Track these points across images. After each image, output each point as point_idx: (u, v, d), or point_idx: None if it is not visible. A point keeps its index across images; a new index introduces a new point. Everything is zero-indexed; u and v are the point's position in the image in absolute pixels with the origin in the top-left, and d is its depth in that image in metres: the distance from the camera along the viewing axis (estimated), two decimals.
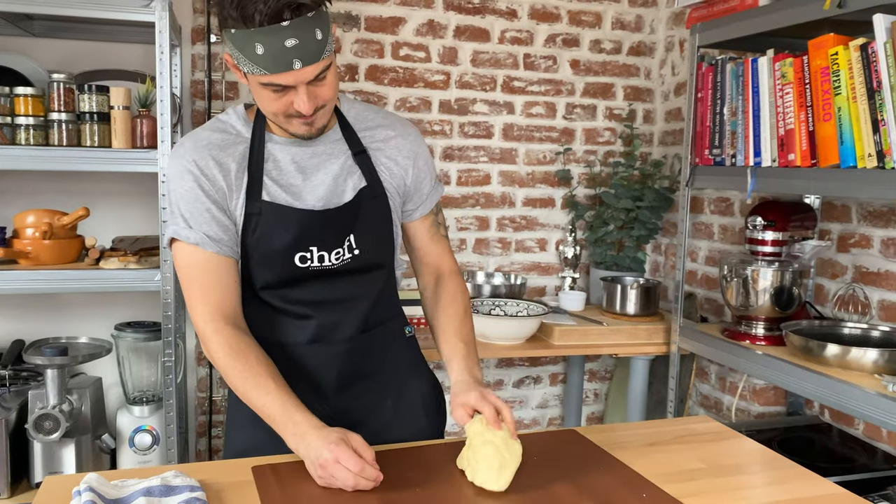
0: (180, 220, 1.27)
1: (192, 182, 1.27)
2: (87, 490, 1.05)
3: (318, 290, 1.34)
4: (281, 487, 1.13)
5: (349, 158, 1.34)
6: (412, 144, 1.41)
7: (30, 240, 2.07)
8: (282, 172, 1.31)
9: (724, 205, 2.68)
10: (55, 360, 2.07)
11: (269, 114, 1.25)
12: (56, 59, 2.39)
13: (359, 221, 1.34)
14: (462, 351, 1.35)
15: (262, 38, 1.13)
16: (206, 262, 1.26)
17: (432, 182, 1.46)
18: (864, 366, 1.78)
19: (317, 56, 1.16)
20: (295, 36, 1.13)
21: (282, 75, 1.16)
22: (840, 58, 1.68)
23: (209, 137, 1.30)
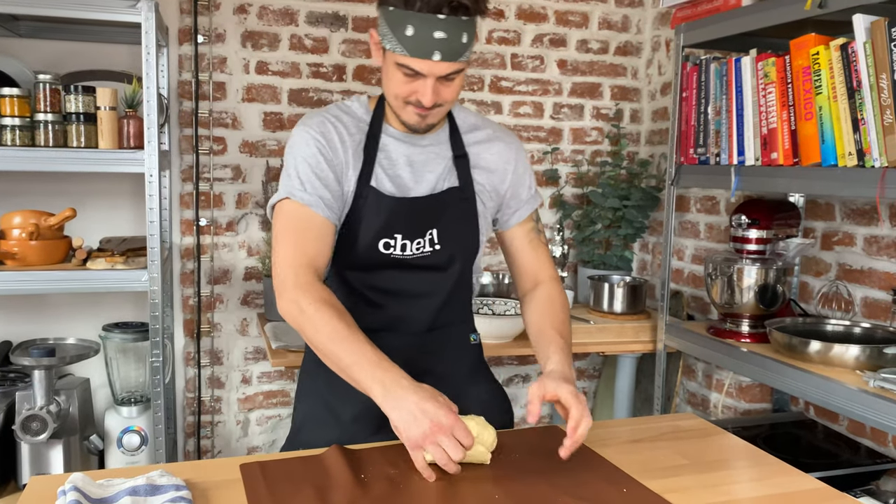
0: (296, 182, 1.31)
1: (315, 148, 1.33)
2: (73, 490, 1.05)
3: (394, 279, 1.39)
4: (268, 486, 1.14)
5: (450, 160, 1.41)
6: (512, 152, 1.46)
7: (16, 241, 2.06)
8: (392, 164, 1.37)
9: (710, 203, 2.70)
10: (42, 361, 2.07)
11: (391, 95, 1.31)
12: (42, 60, 2.39)
13: (444, 218, 1.39)
14: (560, 344, 1.35)
15: (416, 21, 1.20)
16: (311, 220, 1.30)
17: (530, 190, 1.49)
18: (846, 362, 1.80)
19: (456, 56, 1.23)
20: (445, 30, 1.20)
21: (420, 61, 1.22)
22: (821, 58, 1.70)
23: (336, 115, 1.38)
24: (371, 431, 1.36)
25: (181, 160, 2.63)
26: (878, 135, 1.56)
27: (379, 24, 1.26)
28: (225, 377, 2.75)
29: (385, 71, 1.29)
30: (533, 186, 1.50)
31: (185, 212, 2.65)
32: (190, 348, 2.71)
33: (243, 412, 2.79)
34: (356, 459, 1.21)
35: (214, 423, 2.76)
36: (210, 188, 2.65)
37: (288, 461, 1.23)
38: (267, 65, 2.66)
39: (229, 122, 2.65)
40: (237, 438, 2.79)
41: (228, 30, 2.61)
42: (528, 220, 1.48)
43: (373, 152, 1.36)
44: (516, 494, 1.13)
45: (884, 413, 1.60)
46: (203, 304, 2.69)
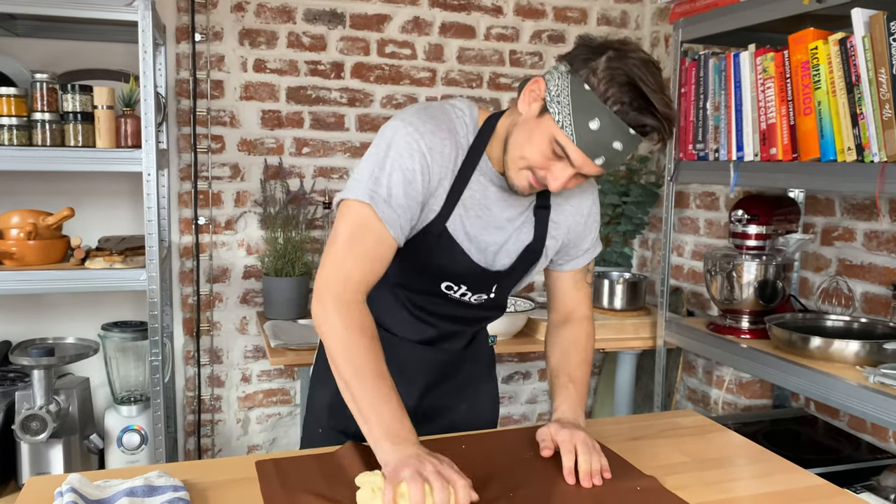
0: (383, 191, 1.17)
1: (417, 164, 1.19)
2: (70, 491, 1.05)
3: (446, 309, 1.36)
4: (282, 483, 1.14)
5: (531, 208, 1.32)
6: (588, 201, 1.38)
7: (14, 240, 2.06)
8: (475, 205, 1.27)
9: (709, 199, 2.70)
10: (42, 361, 2.07)
11: (516, 153, 1.19)
12: (39, 59, 2.38)
13: (509, 275, 1.34)
14: (571, 392, 1.33)
15: (607, 121, 1.09)
16: (380, 237, 1.18)
17: (593, 240, 1.42)
18: (846, 358, 1.80)
19: (614, 166, 1.17)
20: (623, 143, 1.11)
21: (582, 155, 1.12)
22: (820, 52, 1.69)
23: (449, 127, 1.23)
24: None
25: (179, 159, 2.62)
26: (878, 129, 1.55)
27: (555, 83, 1.13)
28: (225, 376, 2.75)
29: (529, 128, 1.16)
30: (596, 237, 1.43)
31: (183, 210, 2.64)
32: (189, 347, 2.70)
33: (243, 410, 2.78)
34: (370, 455, 1.21)
35: (214, 421, 2.76)
36: (208, 187, 2.65)
37: (302, 458, 1.24)
38: (265, 63, 2.65)
39: (227, 120, 2.65)
40: (237, 437, 2.79)
41: (226, 28, 2.60)
42: (582, 268, 1.43)
43: (461, 186, 1.24)
44: (531, 490, 1.14)
45: (884, 408, 1.60)
46: (202, 303, 2.69)
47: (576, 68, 1.12)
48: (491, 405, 1.55)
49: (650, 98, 1.09)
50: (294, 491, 1.12)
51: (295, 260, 2.55)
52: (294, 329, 2.40)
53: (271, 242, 2.59)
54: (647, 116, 1.09)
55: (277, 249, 2.56)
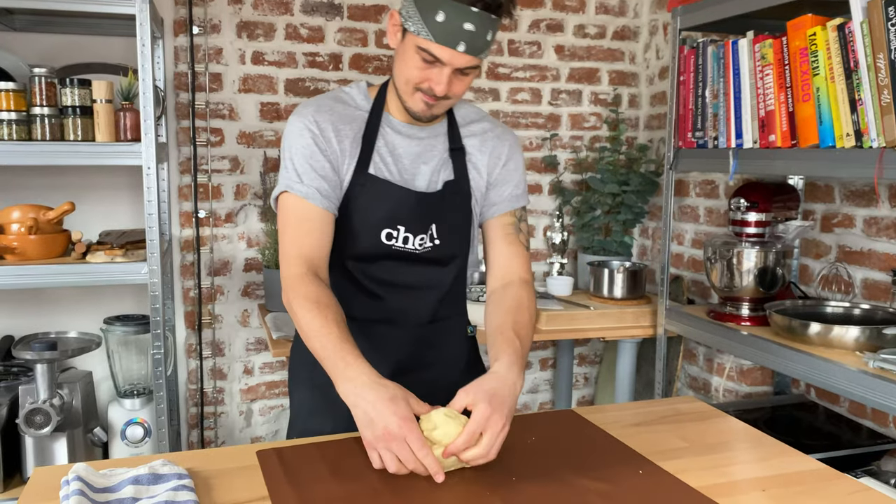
0: (293, 174, 1.32)
1: (310, 139, 1.32)
2: (76, 479, 1.06)
3: (395, 271, 1.39)
4: (285, 471, 1.15)
5: (447, 152, 1.41)
6: (505, 148, 1.45)
7: (15, 235, 2.07)
8: (390, 152, 1.37)
9: (709, 187, 2.70)
10: (44, 355, 2.08)
11: (402, 80, 1.30)
12: (37, 54, 2.38)
13: (442, 213, 1.39)
14: (516, 347, 1.26)
15: (449, 9, 1.19)
16: (308, 213, 1.31)
17: (516, 189, 1.46)
18: (846, 344, 1.80)
19: (479, 51, 1.23)
20: (475, 24, 1.20)
21: (444, 49, 1.22)
22: (818, 38, 1.69)
23: (331, 105, 1.37)
24: None
25: (179, 152, 2.62)
26: (876, 115, 1.55)
27: (404, 5, 1.25)
28: (227, 368, 2.76)
29: (401, 54, 1.28)
30: (521, 187, 1.47)
31: (183, 204, 2.65)
32: (191, 340, 2.71)
33: (246, 402, 2.80)
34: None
35: (217, 413, 2.77)
36: (208, 180, 2.65)
37: (303, 447, 1.25)
38: (263, 55, 2.65)
39: (226, 113, 2.65)
40: (240, 429, 2.80)
41: (223, 20, 2.60)
42: (509, 215, 1.45)
43: (372, 140, 1.36)
44: (533, 475, 1.15)
45: (883, 393, 1.61)
46: (203, 296, 2.69)
47: None
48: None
49: None
50: (297, 479, 1.13)
51: None
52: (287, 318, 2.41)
53: (271, 235, 2.60)
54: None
55: (277, 242, 2.56)
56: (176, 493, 1.05)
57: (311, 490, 1.09)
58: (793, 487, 1.18)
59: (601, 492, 1.10)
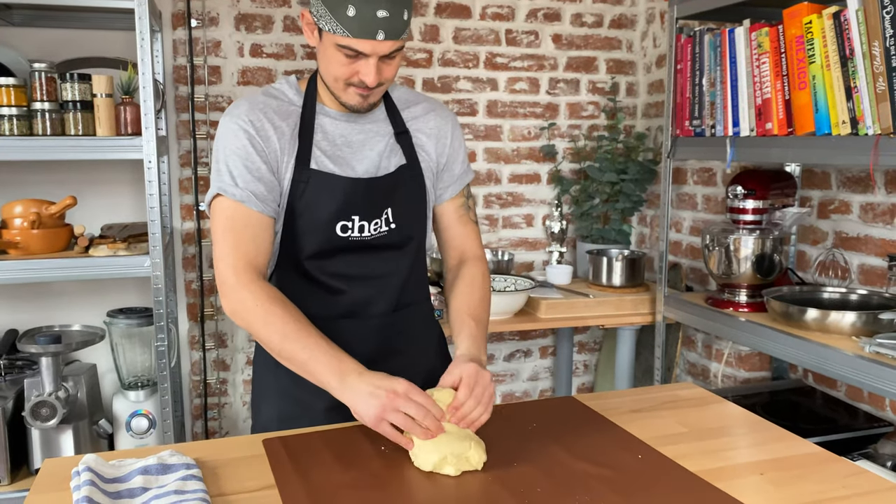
0: (227, 177, 1.27)
1: (245, 140, 1.28)
2: (86, 470, 1.08)
3: (354, 263, 1.37)
4: (291, 459, 1.17)
5: (392, 137, 1.38)
6: (448, 125, 1.45)
7: (18, 230, 2.08)
8: (330, 144, 1.34)
9: (707, 175, 2.71)
10: (49, 349, 2.09)
11: (330, 78, 1.28)
12: (37, 48, 2.39)
13: (397, 196, 1.37)
14: (472, 329, 1.34)
15: (358, 1, 1.16)
16: (247, 219, 1.27)
17: (464, 165, 1.47)
18: (842, 329, 1.83)
19: (399, 34, 1.21)
20: (387, 9, 1.18)
21: (364, 42, 1.19)
22: (814, 26, 1.70)
23: (265, 101, 1.33)
24: (347, 418, 1.31)
25: (179, 145, 2.64)
26: (871, 102, 1.57)
27: (314, 4, 1.22)
28: (230, 359, 2.78)
29: (323, 52, 1.25)
30: (466, 162, 1.48)
31: (184, 197, 2.66)
32: (194, 332, 2.73)
33: (249, 393, 2.82)
34: (373, 434, 1.24)
35: (221, 404, 2.79)
36: (209, 173, 2.66)
37: (308, 435, 1.27)
38: (261, 47, 2.66)
39: (225, 105, 2.66)
40: (244, 419, 2.83)
41: (222, 13, 2.60)
42: (460, 195, 1.46)
43: (309, 134, 1.33)
44: (534, 460, 1.17)
45: (879, 377, 1.63)
46: (206, 288, 2.71)
47: None
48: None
49: None
50: (302, 466, 1.15)
51: None
52: None
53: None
54: None
55: None
56: (185, 482, 1.07)
57: (316, 477, 1.11)
58: (790, 471, 1.20)
59: (602, 476, 1.12)
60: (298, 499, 1.05)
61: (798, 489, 1.14)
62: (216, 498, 1.07)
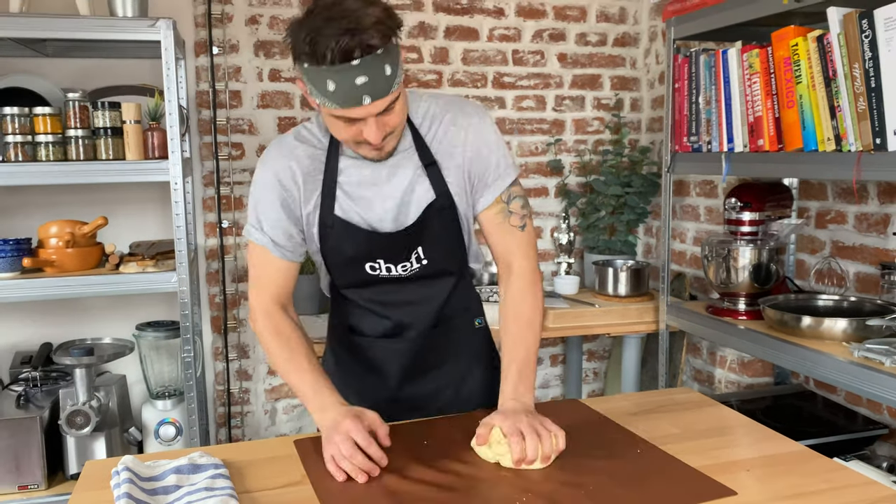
0: (255, 221, 1.40)
1: (270, 192, 1.37)
2: (125, 470, 1.19)
3: (390, 292, 1.45)
4: (321, 457, 1.27)
5: (419, 168, 1.37)
6: (471, 134, 1.38)
7: (54, 249, 2.20)
8: (354, 186, 1.37)
9: (708, 187, 2.80)
10: (83, 360, 2.21)
11: (343, 141, 1.31)
12: (69, 77, 2.53)
13: (426, 235, 1.39)
14: (513, 374, 1.35)
15: (333, 75, 1.16)
16: (269, 261, 1.41)
17: (497, 170, 1.41)
18: (834, 335, 1.90)
19: (385, 91, 1.19)
20: (364, 74, 1.16)
21: (352, 110, 1.20)
22: (800, 48, 1.79)
23: (293, 145, 1.38)
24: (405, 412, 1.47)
25: (202, 166, 2.76)
26: (853, 121, 1.66)
27: (302, 77, 1.23)
28: (252, 370, 2.90)
29: (325, 119, 1.28)
30: (501, 166, 1.41)
31: (207, 215, 2.79)
32: (218, 343, 2.85)
33: (270, 402, 2.93)
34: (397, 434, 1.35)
35: (244, 413, 2.91)
36: (230, 191, 2.79)
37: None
38: (279, 72, 2.79)
39: (246, 128, 2.78)
40: (265, 427, 2.94)
41: (241, 40, 2.74)
42: (497, 202, 1.41)
43: (332, 178, 1.37)
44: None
45: (869, 381, 1.69)
46: (228, 302, 2.83)
47: (295, 57, 1.20)
48: (481, 389, 1.55)
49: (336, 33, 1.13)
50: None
51: None
52: (315, 323, 2.54)
53: None
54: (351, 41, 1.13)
55: None
56: (214, 480, 1.18)
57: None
58: (775, 467, 1.28)
59: (603, 469, 1.23)
60: (330, 491, 1.16)
61: (781, 483, 1.21)
62: (242, 495, 1.17)
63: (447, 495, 1.15)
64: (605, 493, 1.15)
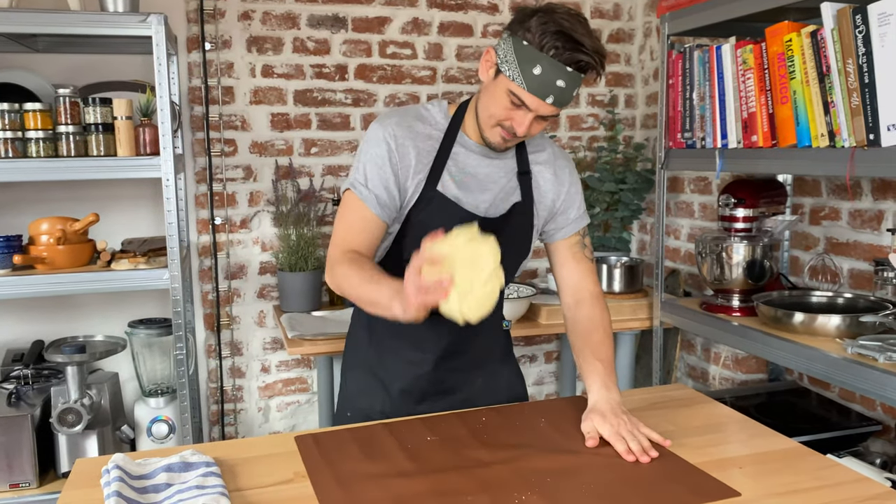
0: (360, 177, 1.44)
1: (384, 150, 1.43)
2: (115, 468, 1.18)
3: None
4: (321, 454, 1.29)
5: (515, 175, 1.51)
6: (567, 174, 1.56)
7: (45, 246, 2.19)
8: (461, 171, 1.47)
9: (702, 184, 2.80)
10: (74, 358, 2.20)
11: (486, 114, 1.40)
12: (59, 73, 2.51)
13: (505, 232, 1.45)
14: (600, 370, 1.45)
15: (546, 65, 1.28)
16: (364, 214, 1.43)
17: (579, 210, 1.58)
18: (828, 331, 1.90)
19: (564, 104, 1.34)
20: (566, 81, 1.30)
21: (533, 98, 1.32)
22: (794, 44, 1.79)
23: (412, 120, 1.47)
24: (415, 402, 1.55)
25: (195, 162, 2.75)
26: (847, 117, 1.65)
27: (502, 47, 1.33)
28: (245, 367, 2.89)
29: (490, 90, 1.37)
30: (582, 207, 1.59)
31: (200, 211, 2.78)
32: (211, 341, 2.84)
33: (264, 399, 2.93)
34: (399, 430, 1.37)
35: (237, 410, 2.90)
36: (223, 188, 2.78)
37: (337, 432, 1.39)
38: (272, 68, 2.77)
39: (238, 124, 2.77)
40: (259, 424, 2.93)
41: (234, 36, 2.72)
42: (575, 235, 1.57)
43: (444, 158, 1.45)
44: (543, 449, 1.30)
45: (862, 378, 1.70)
46: (221, 299, 2.82)
47: (514, 31, 1.33)
48: (508, 386, 1.67)
49: (578, 39, 1.28)
50: (332, 459, 1.26)
51: (308, 255, 2.68)
52: (309, 321, 2.53)
53: (284, 239, 2.72)
54: (579, 54, 1.29)
55: (290, 246, 2.69)
56: (205, 478, 1.17)
57: (345, 469, 1.23)
58: (768, 465, 1.29)
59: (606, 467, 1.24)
60: (329, 487, 1.16)
61: (773, 481, 1.22)
62: (234, 493, 1.17)
63: (447, 492, 1.15)
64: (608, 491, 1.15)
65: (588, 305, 1.55)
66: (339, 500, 1.13)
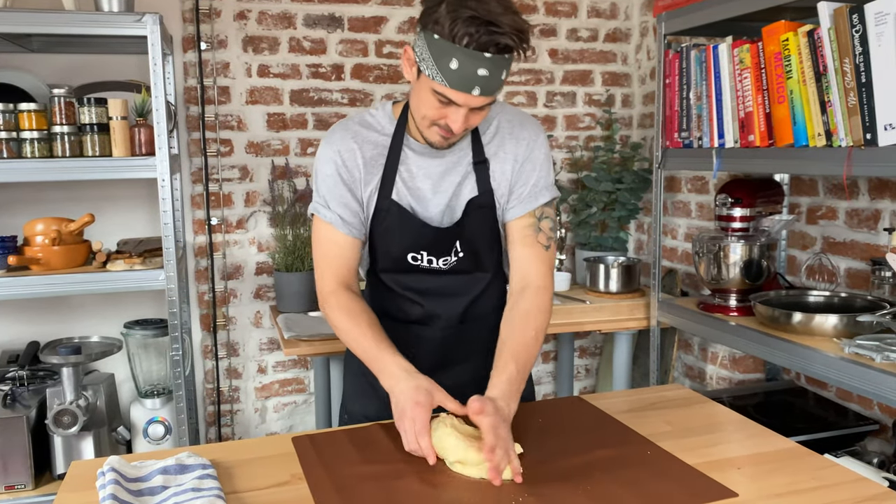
0: (321, 200, 1.43)
1: (333, 169, 1.41)
2: (111, 470, 1.17)
3: (425, 282, 1.49)
4: (318, 454, 1.28)
5: (469, 165, 1.44)
6: (523, 148, 1.45)
7: (40, 247, 2.18)
8: (413, 176, 1.43)
9: (700, 183, 2.79)
10: (70, 359, 2.20)
11: (418, 115, 1.34)
12: (55, 73, 2.50)
13: (466, 231, 1.45)
14: (511, 374, 1.32)
15: (462, 57, 1.20)
16: (334, 237, 1.43)
17: (535, 187, 1.46)
18: (825, 331, 1.90)
19: (494, 91, 1.26)
20: (488, 68, 1.21)
21: (459, 94, 1.24)
22: (790, 43, 1.79)
23: (357, 129, 1.43)
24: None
25: (190, 163, 2.74)
26: (844, 116, 1.65)
27: (417, 45, 1.26)
28: (242, 368, 2.88)
29: (417, 91, 1.30)
30: (540, 184, 1.46)
31: (196, 212, 2.77)
32: (207, 341, 2.83)
33: (260, 400, 2.92)
34: (396, 432, 1.34)
35: (234, 411, 2.89)
36: (219, 188, 2.77)
37: (334, 434, 1.38)
38: (268, 68, 2.77)
39: (234, 124, 2.76)
40: (256, 425, 2.92)
41: (230, 36, 2.71)
42: (527, 216, 1.45)
43: (394, 163, 1.41)
44: (541, 450, 1.28)
45: (859, 377, 1.69)
46: (218, 299, 2.82)
47: (424, 25, 1.24)
48: None
49: (491, 20, 1.19)
50: (328, 461, 1.26)
51: (304, 255, 2.67)
52: (306, 321, 2.52)
53: (281, 239, 2.71)
54: (495, 37, 1.19)
55: (287, 246, 2.68)
56: (201, 480, 1.17)
57: (341, 470, 1.22)
58: (766, 465, 1.28)
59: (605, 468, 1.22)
60: (326, 489, 1.16)
61: (771, 481, 1.21)
62: (230, 495, 1.16)
63: (443, 495, 1.14)
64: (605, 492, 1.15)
65: (529, 299, 1.42)
66: (336, 502, 1.12)
